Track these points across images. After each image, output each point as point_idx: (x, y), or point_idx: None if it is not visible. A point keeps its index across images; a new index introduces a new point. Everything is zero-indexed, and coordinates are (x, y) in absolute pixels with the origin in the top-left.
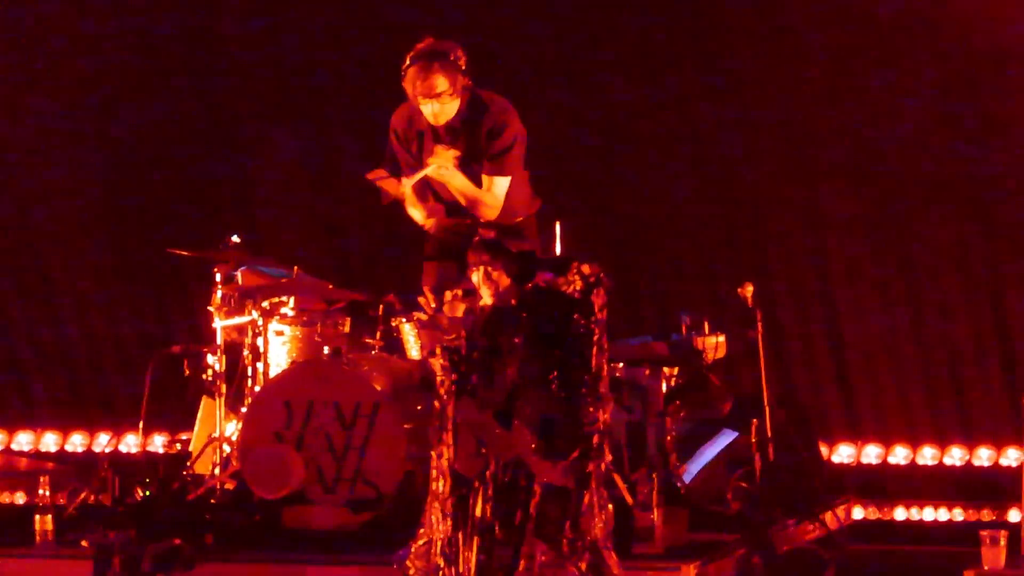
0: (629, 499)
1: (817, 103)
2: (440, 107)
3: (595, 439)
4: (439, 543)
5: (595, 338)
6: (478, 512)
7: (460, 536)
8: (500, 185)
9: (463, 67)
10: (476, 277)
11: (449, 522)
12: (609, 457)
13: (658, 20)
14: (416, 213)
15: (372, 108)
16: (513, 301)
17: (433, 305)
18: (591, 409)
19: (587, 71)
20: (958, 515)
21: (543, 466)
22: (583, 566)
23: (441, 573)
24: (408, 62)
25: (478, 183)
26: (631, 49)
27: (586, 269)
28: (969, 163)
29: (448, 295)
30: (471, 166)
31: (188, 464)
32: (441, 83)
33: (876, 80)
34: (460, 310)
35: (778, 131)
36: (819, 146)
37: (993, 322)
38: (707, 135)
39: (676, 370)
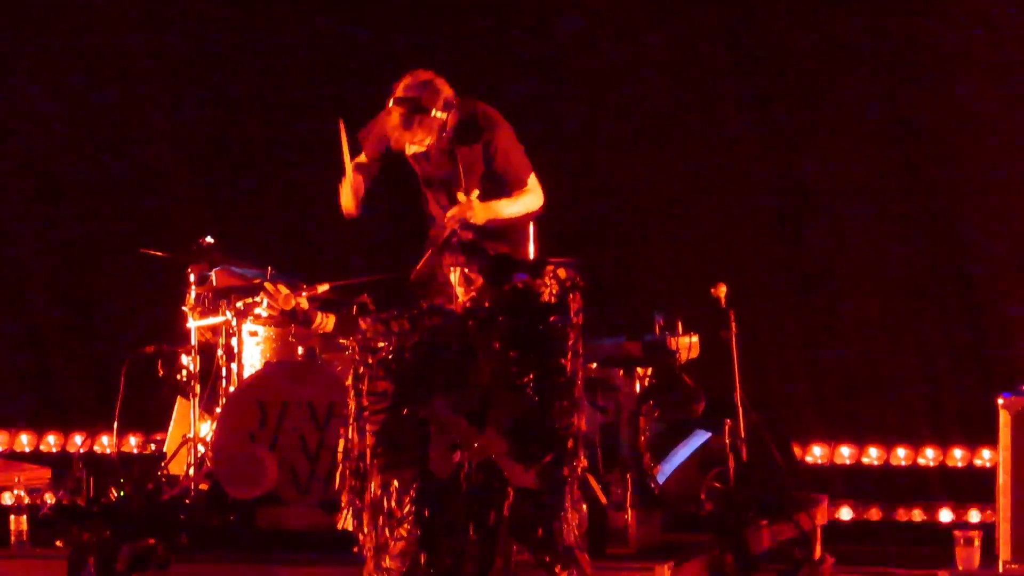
0: (603, 499)
1: (793, 98)
2: (417, 148)
3: (569, 443)
4: (393, 544)
5: (570, 342)
6: (451, 514)
7: (434, 537)
8: (531, 183)
9: (443, 106)
10: (453, 278)
11: (406, 525)
12: (584, 461)
13: (631, 18)
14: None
15: (350, 108)
16: (487, 303)
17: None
18: (565, 413)
19: (561, 69)
20: (932, 515)
21: (516, 469)
22: (557, 568)
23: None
24: (391, 102)
25: (494, 185)
26: (606, 47)
27: (562, 273)
28: (936, 163)
29: (283, 289)
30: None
31: (162, 464)
32: (419, 137)
33: (863, 80)
34: (296, 302)
35: (752, 130)
36: (792, 141)
37: (967, 322)
38: (682, 132)
39: (650, 370)
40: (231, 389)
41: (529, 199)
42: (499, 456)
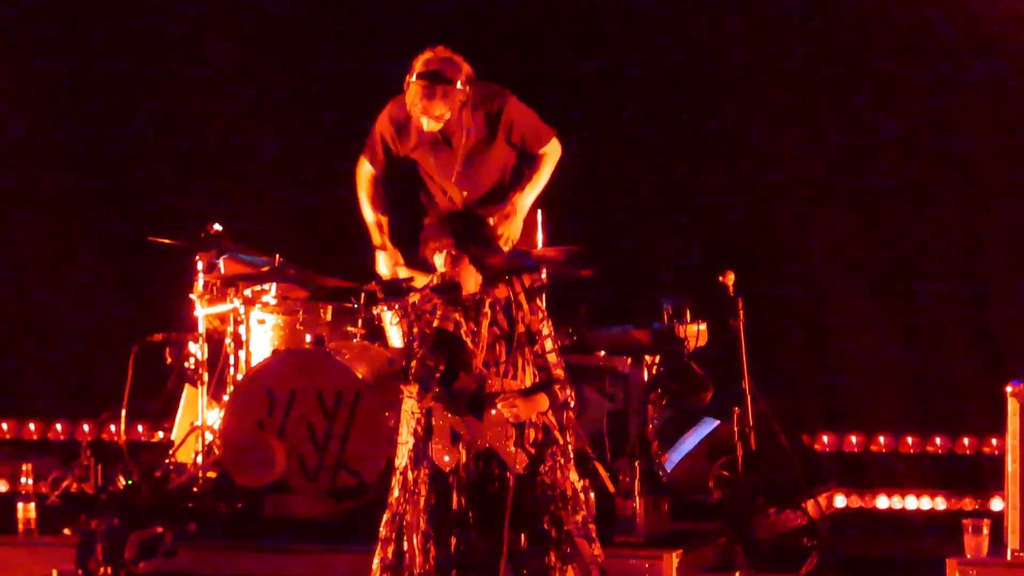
0: (611, 488)
1: (801, 89)
2: (434, 124)
3: (553, 422)
4: (416, 537)
5: (540, 317)
6: (454, 504)
7: (441, 528)
8: (552, 143)
9: (465, 80)
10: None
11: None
12: (577, 443)
13: (636, 7)
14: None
15: (354, 95)
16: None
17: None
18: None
19: (568, 60)
20: (941, 504)
21: (513, 455)
22: (559, 556)
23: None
24: (413, 76)
25: (502, 156)
26: (610, 35)
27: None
28: (952, 157)
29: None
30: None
31: (170, 452)
32: (440, 109)
33: (858, 73)
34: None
35: (761, 115)
36: (803, 131)
37: (976, 310)
38: (690, 120)
39: (658, 358)
40: (239, 377)
41: (550, 162)
42: (496, 443)
